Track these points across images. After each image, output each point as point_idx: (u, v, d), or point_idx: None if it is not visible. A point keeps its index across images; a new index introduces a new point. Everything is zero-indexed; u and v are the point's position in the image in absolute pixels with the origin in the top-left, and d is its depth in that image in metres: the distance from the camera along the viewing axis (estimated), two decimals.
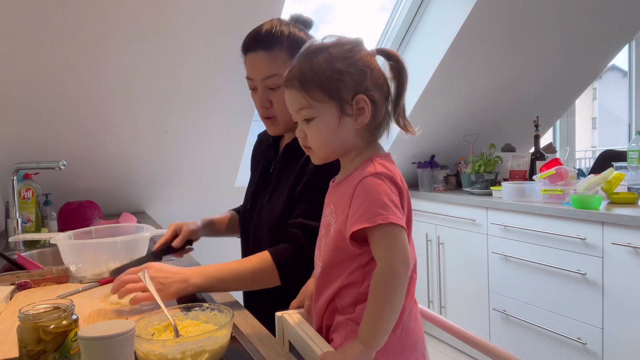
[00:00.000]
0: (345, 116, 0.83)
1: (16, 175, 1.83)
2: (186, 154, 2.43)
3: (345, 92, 0.82)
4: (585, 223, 2.06)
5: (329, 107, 0.82)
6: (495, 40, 2.59)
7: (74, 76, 1.92)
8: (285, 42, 1.12)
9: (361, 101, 0.82)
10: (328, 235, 0.86)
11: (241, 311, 1.02)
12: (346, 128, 0.83)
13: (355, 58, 0.83)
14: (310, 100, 0.82)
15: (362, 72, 0.82)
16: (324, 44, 0.85)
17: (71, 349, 0.68)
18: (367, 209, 0.77)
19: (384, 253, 0.77)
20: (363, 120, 0.83)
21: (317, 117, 0.83)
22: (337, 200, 0.86)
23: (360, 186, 0.80)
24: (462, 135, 3.01)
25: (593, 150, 6.40)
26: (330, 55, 0.83)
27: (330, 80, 0.81)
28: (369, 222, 0.77)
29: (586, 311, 2.09)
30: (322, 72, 0.82)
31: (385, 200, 0.78)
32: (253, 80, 1.15)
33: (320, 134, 0.84)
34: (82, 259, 1.23)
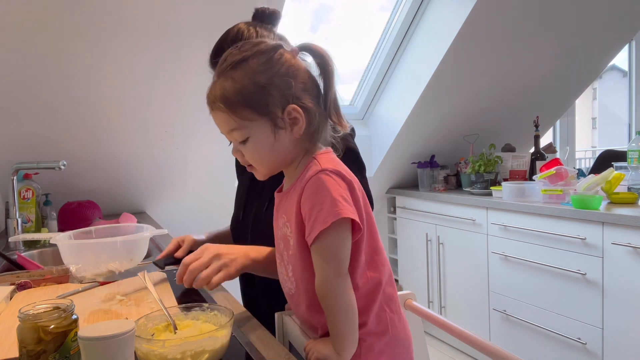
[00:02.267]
0: (279, 130, 0.79)
1: (16, 175, 1.83)
2: (186, 154, 2.43)
3: (274, 107, 0.77)
4: (585, 223, 2.06)
5: (261, 124, 0.78)
6: (495, 40, 2.59)
7: (74, 76, 1.92)
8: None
9: (293, 111, 0.78)
10: (289, 247, 0.83)
11: (241, 311, 1.02)
12: (283, 141, 0.80)
13: (277, 67, 0.78)
14: (240, 121, 0.78)
15: (287, 82, 0.78)
16: (241, 55, 0.79)
17: (71, 349, 0.68)
18: (322, 210, 0.74)
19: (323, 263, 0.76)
20: (298, 130, 0.79)
21: (251, 137, 0.79)
22: (288, 210, 0.82)
23: (307, 187, 0.77)
24: (462, 135, 3.01)
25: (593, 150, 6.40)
26: (251, 69, 0.78)
27: (256, 97, 0.77)
28: (323, 223, 0.73)
29: (586, 311, 2.09)
30: (245, 89, 0.77)
31: (334, 196, 0.74)
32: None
33: (257, 153, 0.81)
34: (82, 259, 1.22)
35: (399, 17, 2.74)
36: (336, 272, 0.76)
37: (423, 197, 2.96)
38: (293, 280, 0.84)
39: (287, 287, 0.88)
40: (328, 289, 0.76)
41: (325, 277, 0.76)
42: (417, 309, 1.13)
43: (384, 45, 2.87)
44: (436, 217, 2.88)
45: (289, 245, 0.83)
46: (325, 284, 0.76)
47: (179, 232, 2.12)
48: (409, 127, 2.83)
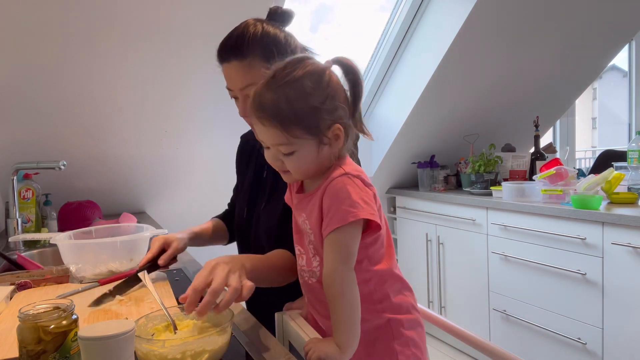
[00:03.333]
0: (323, 146, 0.84)
1: (16, 175, 1.83)
2: (186, 154, 2.43)
3: (323, 127, 0.82)
4: (585, 223, 2.06)
5: (308, 141, 0.82)
6: (496, 40, 2.59)
7: (74, 77, 1.92)
8: (258, 48, 1.06)
9: (336, 130, 0.83)
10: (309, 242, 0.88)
11: (241, 311, 1.02)
12: (324, 155, 0.85)
13: (327, 90, 0.83)
14: (290, 138, 0.81)
15: (334, 104, 0.83)
16: (294, 74, 0.82)
17: (71, 349, 0.68)
18: (340, 208, 0.79)
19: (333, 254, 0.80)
20: (338, 145, 0.85)
21: (296, 151, 0.83)
22: (309, 208, 0.86)
23: (330, 186, 0.82)
24: (462, 135, 3.01)
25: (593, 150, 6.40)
26: (304, 90, 0.81)
27: (309, 119, 0.81)
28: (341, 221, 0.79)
29: (586, 311, 2.09)
30: (300, 111, 0.81)
31: (354, 198, 0.80)
32: (232, 90, 1.11)
33: (300, 166, 0.85)
34: (82, 259, 1.22)
35: (399, 17, 2.74)
36: (344, 261, 0.80)
37: (423, 197, 2.95)
38: (318, 270, 0.88)
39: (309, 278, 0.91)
40: (334, 277, 0.80)
41: (333, 266, 0.80)
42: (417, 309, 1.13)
43: (384, 45, 2.87)
44: (436, 217, 2.88)
45: (309, 241, 0.88)
46: (333, 272, 0.80)
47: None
48: (409, 127, 2.82)
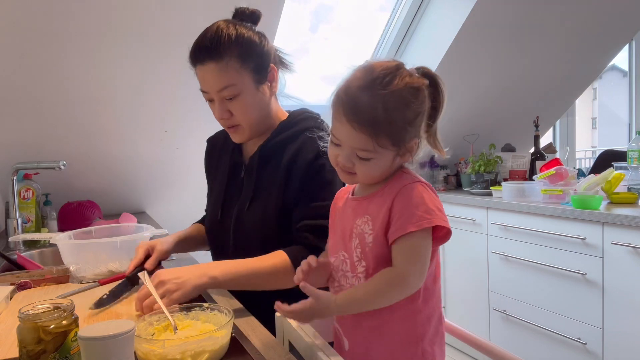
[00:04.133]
0: (398, 157, 0.83)
1: (16, 175, 1.83)
2: (186, 154, 2.43)
3: (408, 140, 0.82)
4: (585, 223, 2.06)
5: (389, 152, 0.82)
6: (495, 40, 2.59)
7: (74, 77, 1.92)
8: (234, 48, 1.05)
9: (414, 143, 0.83)
10: (365, 244, 0.84)
11: (241, 311, 1.02)
12: (395, 164, 0.85)
13: (421, 106, 0.82)
14: (376, 147, 0.80)
15: (421, 120, 0.83)
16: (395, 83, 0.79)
17: (71, 349, 0.68)
18: (415, 212, 0.78)
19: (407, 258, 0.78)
20: (410, 157, 0.85)
21: (374, 159, 0.82)
22: (373, 211, 0.84)
23: (403, 191, 0.81)
24: (462, 135, 3.01)
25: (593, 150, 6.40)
26: (405, 102, 0.80)
27: (399, 132, 0.80)
28: (416, 226, 0.77)
29: (586, 311, 2.09)
30: (395, 123, 0.79)
31: (431, 206, 0.79)
32: (208, 92, 1.10)
33: (371, 172, 0.84)
34: (82, 259, 1.22)
35: (399, 17, 2.74)
36: (420, 274, 0.79)
37: None
38: (363, 277, 0.85)
39: (348, 284, 0.88)
40: (401, 284, 0.78)
41: (406, 275, 0.78)
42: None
43: (384, 45, 2.87)
44: None
45: (364, 243, 0.84)
46: (403, 280, 0.78)
47: None
48: None
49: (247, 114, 1.12)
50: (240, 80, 1.08)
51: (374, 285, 0.79)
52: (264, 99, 1.14)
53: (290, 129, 1.16)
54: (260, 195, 1.14)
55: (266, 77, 1.13)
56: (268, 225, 1.11)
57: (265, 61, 1.12)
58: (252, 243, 1.14)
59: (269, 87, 1.14)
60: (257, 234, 1.13)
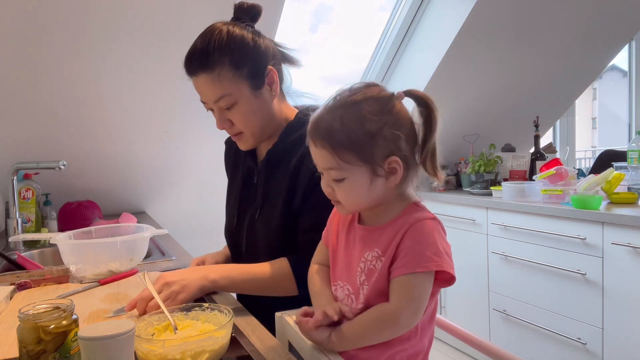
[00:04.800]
0: (376, 177, 0.78)
1: (16, 175, 1.83)
2: (186, 154, 2.43)
3: (377, 156, 0.77)
4: (585, 223, 2.06)
5: (361, 169, 0.78)
6: (495, 40, 2.59)
7: (74, 77, 1.92)
8: (226, 56, 1.01)
9: (393, 162, 0.78)
10: (371, 279, 0.80)
11: (241, 311, 1.02)
12: (377, 187, 0.79)
13: (387, 117, 0.78)
14: (341, 162, 0.77)
15: (395, 134, 0.77)
16: (353, 98, 0.78)
17: (71, 349, 0.68)
18: (423, 253, 0.75)
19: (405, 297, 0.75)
20: (395, 180, 0.79)
21: (347, 178, 0.79)
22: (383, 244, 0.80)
23: (415, 227, 0.77)
24: (462, 135, 3.01)
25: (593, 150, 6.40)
26: (362, 115, 0.77)
27: (363, 144, 0.76)
28: (423, 267, 0.74)
29: (586, 311, 2.09)
30: (353, 134, 0.76)
31: (439, 247, 0.76)
32: (206, 103, 1.08)
33: (350, 195, 0.80)
34: (82, 259, 1.23)
35: (399, 17, 2.74)
36: (415, 315, 0.76)
37: (423, 197, 2.93)
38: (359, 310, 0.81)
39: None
40: (394, 323, 0.76)
41: (400, 314, 0.75)
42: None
43: (384, 45, 2.87)
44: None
45: (371, 278, 0.80)
46: (396, 319, 0.75)
47: (179, 232, 2.12)
48: None
49: (248, 121, 1.08)
50: (236, 88, 1.03)
51: (366, 322, 0.77)
52: (264, 104, 1.09)
53: (297, 131, 1.11)
54: (268, 202, 1.12)
55: (263, 80, 1.07)
56: (275, 233, 1.09)
57: (262, 64, 1.06)
58: (261, 249, 1.12)
59: (268, 90, 1.09)
60: (265, 241, 1.11)
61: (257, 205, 1.15)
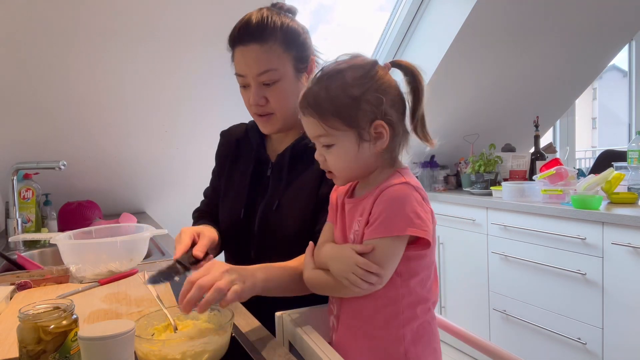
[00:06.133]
0: (363, 142, 0.82)
1: (16, 175, 1.83)
2: (186, 154, 2.43)
3: (362, 120, 0.81)
4: (585, 223, 2.06)
5: (347, 134, 0.81)
6: (495, 40, 2.59)
7: (74, 77, 1.92)
8: (279, 33, 1.05)
9: (379, 127, 0.81)
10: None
11: (241, 311, 1.02)
12: (365, 153, 0.83)
13: (370, 82, 0.81)
14: (328, 129, 0.81)
15: (378, 98, 0.80)
16: (338, 67, 0.83)
17: (71, 349, 0.68)
18: (393, 218, 0.78)
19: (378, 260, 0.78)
20: (382, 144, 0.82)
21: (336, 144, 0.82)
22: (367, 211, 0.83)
23: (386, 192, 0.80)
24: (462, 135, 3.01)
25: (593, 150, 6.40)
26: (345, 81, 0.81)
27: (347, 109, 0.80)
28: (387, 232, 0.77)
29: (586, 311, 2.09)
30: (338, 100, 0.80)
31: (408, 212, 0.78)
32: (245, 76, 1.07)
33: (339, 160, 0.84)
34: (82, 259, 1.22)
35: (399, 17, 2.74)
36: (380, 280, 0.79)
37: None
38: None
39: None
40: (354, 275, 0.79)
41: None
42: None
43: (383, 45, 2.87)
44: (436, 217, 2.87)
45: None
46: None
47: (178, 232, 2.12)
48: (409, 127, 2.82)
49: (284, 102, 1.09)
50: (282, 66, 1.06)
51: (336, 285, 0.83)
52: (301, 90, 1.11)
53: None
54: (289, 195, 1.11)
55: (306, 67, 1.12)
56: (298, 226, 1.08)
57: (307, 52, 1.11)
58: (279, 243, 1.10)
59: (307, 78, 1.12)
60: (286, 234, 1.09)
61: (272, 197, 1.12)
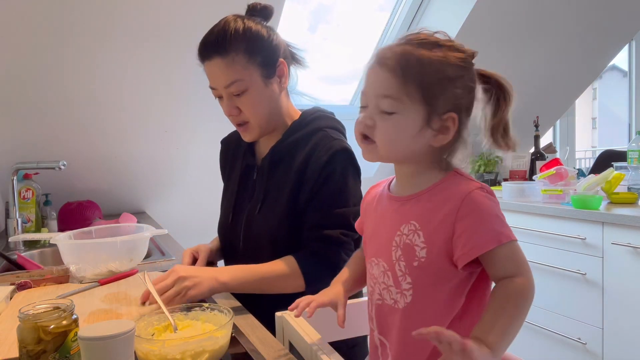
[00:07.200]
0: (427, 128, 0.73)
1: (16, 175, 1.83)
2: (186, 154, 2.43)
3: (441, 104, 0.73)
4: (585, 223, 2.06)
5: (417, 111, 0.72)
6: (495, 40, 2.59)
7: (74, 76, 1.92)
8: (241, 43, 1.05)
9: (450, 120, 0.74)
10: (414, 258, 0.75)
11: (241, 311, 1.02)
12: (422, 140, 0.74)
13: (467, 71, 0.75)
14: (401, 94, 0.72)
15: (468, 91, 0.75)
16: (439, 39, 0.75)
17: (71, 349, 0.68)
18: (489, 228, 0.71)
19: (521, 267, 0.71)
20: (442, 139, 0.75)
21: (398, 114, 0.73)
22: (422, 217, 0.75)
23: (466, 203, 0.72)
24: None
25: (593, 150, 6.40)
26: (446, 58, 0.73)
27: (434, 85, 0.72)
28: (496, 242, 0.70)
29: (586, 311, 2.09)
30: (430, 71, 0.72)
31: (500, 217, 0.73)
32: (216, 89, 1.09)
33: (393, 133, 0.73)
34: (82, 259, 1.22)
35: (399, 17, 2.74)
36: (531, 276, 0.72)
37: None
38: (410, 294, 0.76)
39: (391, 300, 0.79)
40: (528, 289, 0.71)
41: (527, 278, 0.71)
42: None
43: (384, 45, 2.87)
44: None
45: (413, 256, 0.75)
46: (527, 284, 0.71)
47: (179, 232, 2.12)
48: None
49: (256, 110, 1.10)
50: (248, 75, 1.06)
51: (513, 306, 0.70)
52: (273, 95, 1.12)
53: (302, 130, 1.14)
54: (270, 198, 1.13)
55: (274, 72, 1.10)
56: (278, 228, 1.10)
57: (274, 55, 1.10)
58: (261, 246, 1.12)
59: (278, 82, 1.12)
60: (267, 237, 1.12)
61: (256, 200, 1.15)
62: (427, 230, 0.74)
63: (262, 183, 1.15)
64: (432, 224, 0.74)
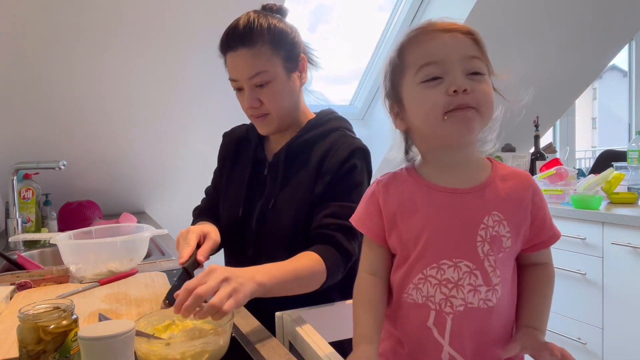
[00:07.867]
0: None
1: (16, 175, 1.83)
2: (186, 154, 2.43)
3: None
4: (585, 223, 2.06)
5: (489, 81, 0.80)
6: (495, 41, 2.59)
7: (74, 76, 1.92)
8: (266, 36, 1.06)
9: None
10: (501, 249, 0.73)
11: (241, 311, 1.02)
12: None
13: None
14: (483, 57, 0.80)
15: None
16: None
17: (71, 349, 0.68)
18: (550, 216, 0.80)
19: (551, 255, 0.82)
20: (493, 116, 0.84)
21: (485, 75, 0.78)
22: (502, 206, 0.75)
23: (535, 189, 0.79)
24: None
25: (593, 150, 6.40)
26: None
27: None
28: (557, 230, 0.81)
29: (586, 311, 2.09)
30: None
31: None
32: (238, 81, 1.09)
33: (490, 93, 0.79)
34: (82, 259, 1.22)
35: (399, 17, 2.74)
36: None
37: None
38: (499, 288, 0.73)
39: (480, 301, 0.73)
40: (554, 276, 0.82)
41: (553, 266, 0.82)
42: None
43: (384, 45, 2.87)
44: None
45: (500, 247, 0.73)
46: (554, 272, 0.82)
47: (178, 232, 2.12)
48: None
49: (278, 102, 1.11)
50: (272, 67, 1.08)
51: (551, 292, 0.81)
52: (294, 89, 1.14)
53: (319, 128, 1.15)
54: (285, 194, 1.12)
55: (297, 66, 1.13)
56: (294, 224, 1.09)
57: (296, 50, 1.13)
58: (275, 242, 1.11)
59: (299, 76, 1.14)
60: (282, 233, 1.10)
61: (269, 196, 1.14)
62: (510, 219, 0.75)
63: (276, 178, 1.14)
64: (513, 212, 0.75)
